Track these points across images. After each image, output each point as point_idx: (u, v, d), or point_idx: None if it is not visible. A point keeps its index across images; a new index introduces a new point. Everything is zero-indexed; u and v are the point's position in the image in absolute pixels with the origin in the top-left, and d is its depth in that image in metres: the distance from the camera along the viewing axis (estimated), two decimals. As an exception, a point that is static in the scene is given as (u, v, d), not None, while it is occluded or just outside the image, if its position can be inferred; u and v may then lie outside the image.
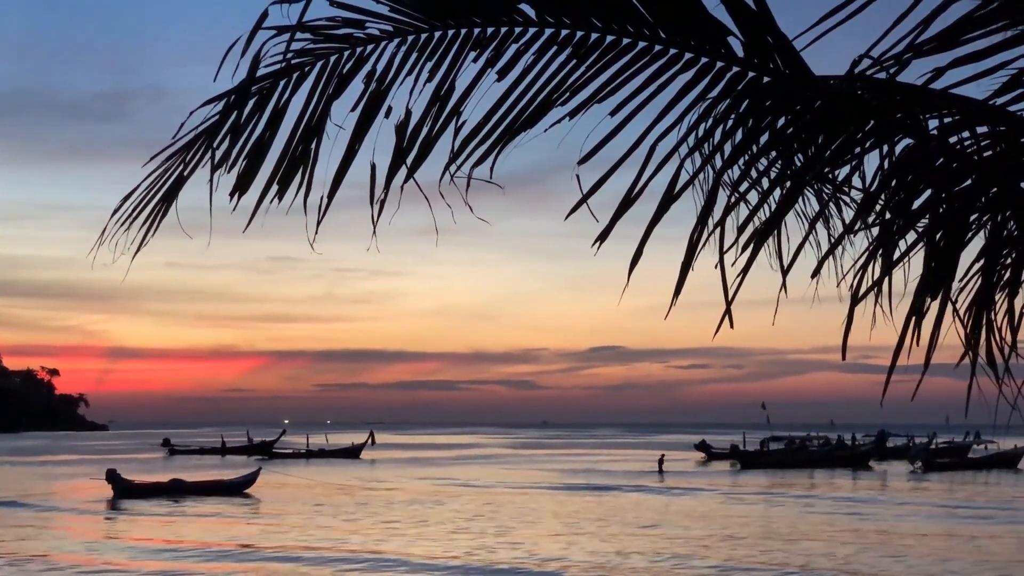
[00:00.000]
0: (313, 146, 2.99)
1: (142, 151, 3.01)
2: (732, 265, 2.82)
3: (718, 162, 2.95)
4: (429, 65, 2.95)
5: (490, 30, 2.95)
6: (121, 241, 2.98)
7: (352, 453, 72.23)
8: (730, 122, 2.95)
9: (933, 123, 2.94)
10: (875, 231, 2.99)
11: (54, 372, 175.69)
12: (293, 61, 2.96)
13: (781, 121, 2.96)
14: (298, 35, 2.88)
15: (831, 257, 3.04)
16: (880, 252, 2.94)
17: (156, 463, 61.38)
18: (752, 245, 2.86)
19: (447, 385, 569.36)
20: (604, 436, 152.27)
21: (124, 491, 36.82)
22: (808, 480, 49.16)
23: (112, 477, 37.25)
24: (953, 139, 2.95)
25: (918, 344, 2.91)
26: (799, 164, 3.03)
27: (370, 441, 75.23)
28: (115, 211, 3.00)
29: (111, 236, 2.98)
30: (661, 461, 55.08)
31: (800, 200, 3.17)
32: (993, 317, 3.10)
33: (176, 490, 37.46)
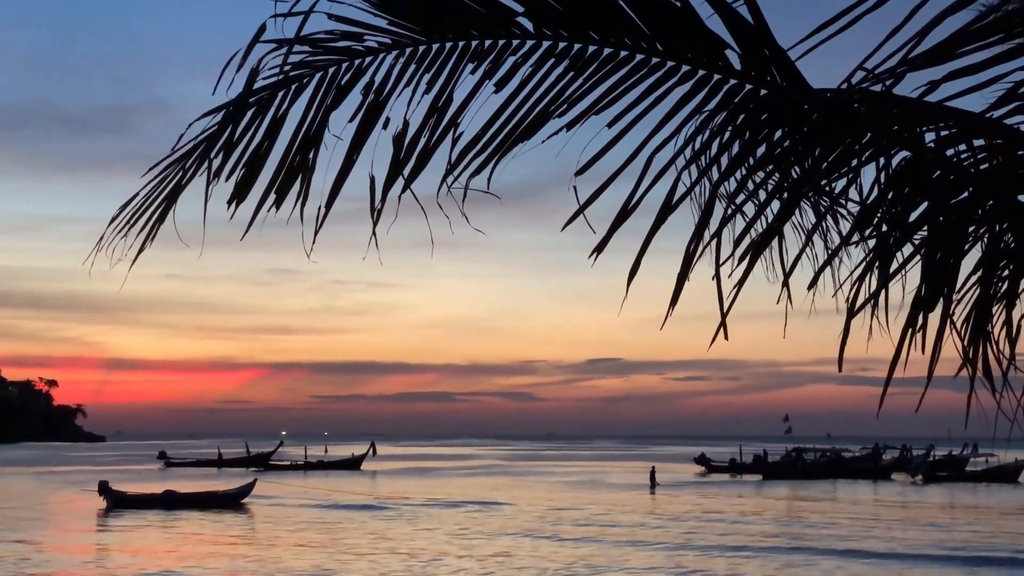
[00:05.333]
0: (311, 156, 2.99)
1: (144, 164, 3.02)
2: (728, 277, 2.82)
3: (715, 174, 2.96)
4: (427, 77, 2.96)
5: (488, 42, 2.95)
6: (118, 249, 2.99)
7: (352, 465, 71.90)
8: (727, 134, 2.95)
9: (930, 136, 2.94)
10: (872, 243, 3.00)
11: (52, 383, 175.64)
12: (292, 73, 2.97)
13: (778, 133, 2.97)
14: (297, 47, 2.88)
15: (828, 269, 3.05)
16: (877, 264, 2.94)
17: (152, 475, 61.18)
18: (748, 257, 2.87)
19: (445, 397, 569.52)
20: (603, 448, 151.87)
21: (117, 502, 36.66)
22: (831, 492, 48.00)
23: (104, 489, 37.09)
24: (950, 152, 2.95)
25: (923, 353, 2.91)
26: (796, 176, 3.04)
27: (371, 452, 74.99)
28: (113, 218, 3.00)
29: (108, 243, 2.98)
30: (653, 474, 54.83)
31: (797, 212, 3.17)
32: (990, 329, 3.10)
33: (170, 501, 37.26)
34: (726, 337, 2.77)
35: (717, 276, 2.79)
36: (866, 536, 29.73)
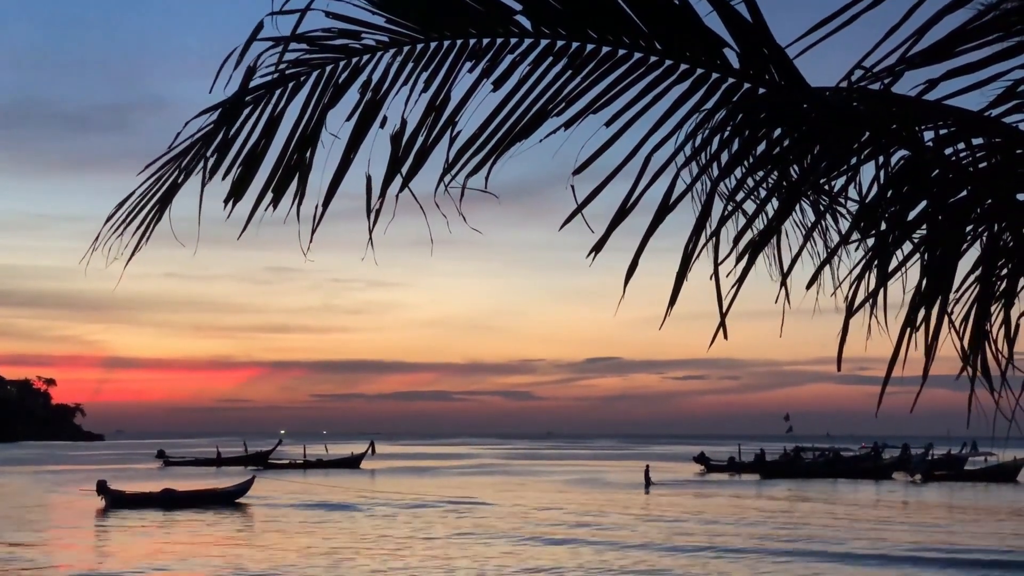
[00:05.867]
0: (308, 155, 2.98)
1: (142, 162, 3.01)
2: (727, 276, 2.82)
3: (714, 172, 2.95)
4: (425, 75, 2.95)
5: (486, 41, 2.94)
6: (114, 247, 2.98)
7: (351, 463, 71.98)
8: (726, 133, 2.95)
9: (928, 134, 2.94)
10: (871, 242, 2.99)
11: (51, 382, 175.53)
12: (289, 71, 2.96)
13: (777, 132, 2.96)
14: (295, 45, 2.88)
15: (827, 268, 3.04)
16: (876, 263, 2.93)
17: (151, 474, 61.12)
18: (748, 256, 2.86)
19: (444, 396, 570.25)
20: (603, 447, 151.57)
21: (115, 502, 36.64)
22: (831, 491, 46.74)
23: (102, 488, 37.05)
24: (949, 150, 2.95)
25: (923, 354, 2.90)
26: (795, 175, 3.03)
27: (370, 451, 75.08)
28: (109, 217, 2.99)
29: (104, 242, 2.98)
30: (647, 473, 54.50)
31: (796, 211, 3.17)
32: (989, 328, 3.09)
33: (168, 500, 37.24)
34: (725, 336, 2.76)
35: (716, 275, 2.79)
36: (852, 538, 28.83)
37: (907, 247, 2.96)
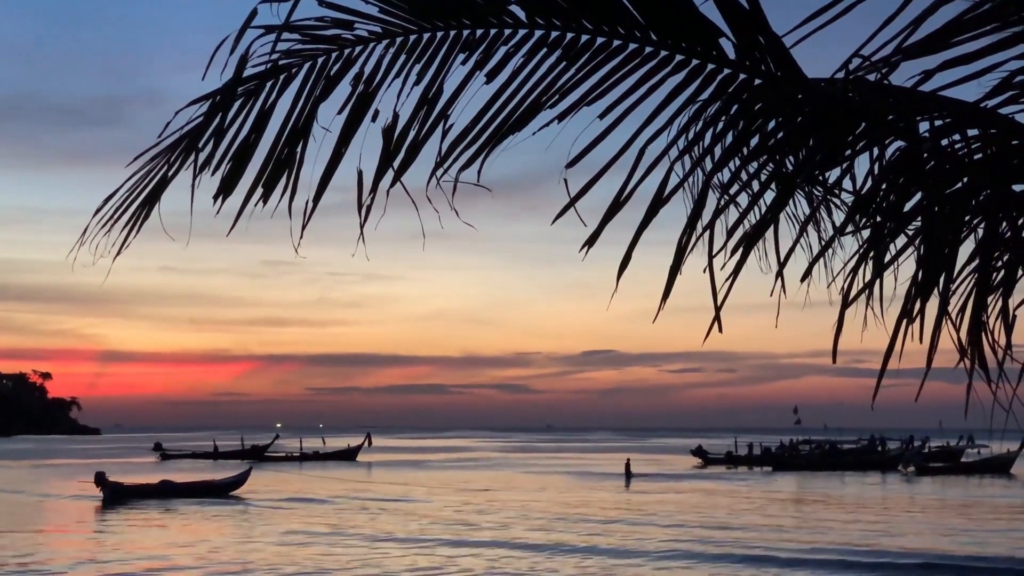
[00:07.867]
0: (299, 149, 2.96)
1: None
2: (721, 269, 2.80)
3: (708, 165, 2.94)
4: (418, 67, 2.93)
5: (480, 32, 2.93)
6: (103, 243, 2.95)
7: (348, 456, 72.15)
8: (720, 124, 2.93)
9: (924, 126, 2.93)
10: (866, 234, 2.98)
11: (46, 376, 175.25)
12: (281, 62, 2.93)
13: (772, 123, 2.95)
14: (286, 36, 2.85)
15: (822, 260, 3.03)
16: (871, 255, 2.92)
17: (148, 467, 61.06)
18: (742, 249, 2.85)
19: (439, 389, 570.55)
20: (600, 440, 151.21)
21: (113, 493, 36.65)
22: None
23: (100, 480, 37.04)
24: (944, 141, 2.94)
25: (921, 343, 2.90)
26: (790, 167, 3.02)
27: (367, 443, 75.23)
28: (97, 211, 2.96)
29: (92, 237, 2.95)
30: (628, 466, 53.59)
31: (791, 203, 3.16)
32: (985, 319, 3.08)
33: (165, 492, 37.28)
34: (720, 330, 2.75)
35: (710, 268, 2.78)
36: (798, 539, 25.19)
37: (901, 238, 2.95)
